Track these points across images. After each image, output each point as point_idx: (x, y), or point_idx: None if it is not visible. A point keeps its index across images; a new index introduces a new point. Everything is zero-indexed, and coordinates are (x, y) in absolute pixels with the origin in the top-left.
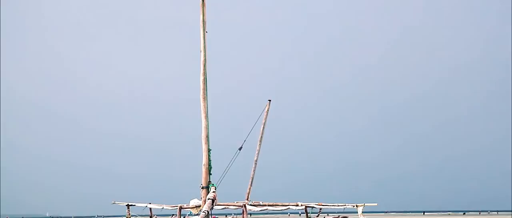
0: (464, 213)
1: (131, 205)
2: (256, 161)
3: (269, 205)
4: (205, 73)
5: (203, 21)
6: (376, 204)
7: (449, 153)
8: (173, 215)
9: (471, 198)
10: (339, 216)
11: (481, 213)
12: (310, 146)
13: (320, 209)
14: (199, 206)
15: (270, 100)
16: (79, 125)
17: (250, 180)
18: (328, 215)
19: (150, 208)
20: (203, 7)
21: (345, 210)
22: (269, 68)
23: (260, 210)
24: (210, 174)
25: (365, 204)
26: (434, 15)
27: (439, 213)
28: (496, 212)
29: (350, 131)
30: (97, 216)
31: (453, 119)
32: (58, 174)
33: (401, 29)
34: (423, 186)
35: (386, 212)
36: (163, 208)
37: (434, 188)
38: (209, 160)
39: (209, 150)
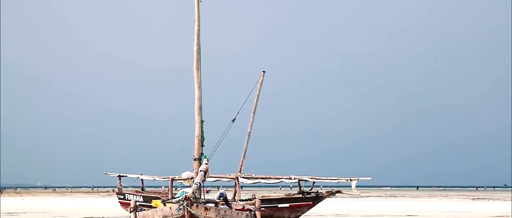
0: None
1: (122, 176)
2: (249, 133)
3: (262, 178)
4: (198, 44)
5: None
6: (370, 178)
7: (446, 130)
8: (164, 186)
9: (468, 174)
10: (333, 190)
11: (478, 188)
12: (306, 120)
13: (314, 182)
14: (191, 178)
15: (264, 72)
16: (72, 96)
17: (243, 152)
18: (321, 188)
19: (142, 180)
20: None
21: (339, 184)
22: (264, 39)
23: (253, 183)
24: (202, 145)
25: (359, 178)
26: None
27: (433, 188)
28: (492, 188)
29: (348, 107)
30: (93, 187)
31: (452, 96)
32: (49, 145)
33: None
34: (419, 163)
35: (380, 187)
36: (155, 179)
37: (430, 165)
38: (202, 132)
39: (202, 121)
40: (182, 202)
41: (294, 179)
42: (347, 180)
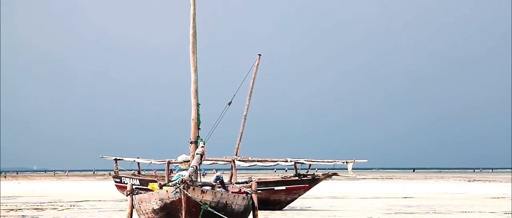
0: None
1: (119, 159)
2: (245, 116)
3: (258, 161)
4: (194, 27)
5: None
6: (366, 160)
7: (443, 109)
8: (156, 170)
9: (466, 155)
10: (329, 172)
11: (475, 170)
12: (302, 102)
13: (310, 165)
14: (188, 161)
15: (260, 55)
16: (71, 76)
17: (239, 135)
18: (316, 170)
19: (138, 163)
20: None
21: (335, 167)
22: (259, 21)
23: (249, 166)
24: (199, 128)
25: (355, 160)
26: None
27: (430, 170)
28: (490, 170)
29: (342, 89)
30: (95, 170)
31: (448, 74)
32: (46, 127)
33: None
34: (415, 144)
35: (377, 169)
36: (151, 163)
37: (427, 146)
38: (198, 115)
39: (198, 105)
40: (178, 185)
41: (291, 161)
42: (343, 162)
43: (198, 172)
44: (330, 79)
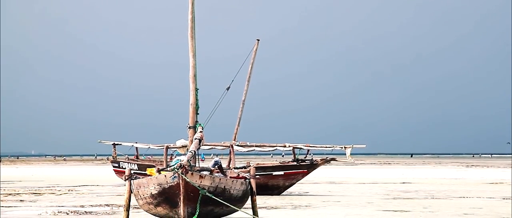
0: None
1: (117, 144)
2: (243, 101)
3: (256, 146)
4: (193, 12)
5: None
6: (364, 146)
7: (440, 95)
8: (150, 157)
9: (465, 138)
10: (327, 157)
11: (474, 155)
12: (299, 87)
13: (308, 150)
14: (186, 146)
15: (258, 40)
16: (70, 64)
17: (238, 121)
18: (312, 156)
19: (136, 148)
20: None
21: (333, 152)
22: (259, 6)
23: (247, 151)
24: (197, 113)
25: (354, 145)
26: None
27: (427, 155)
28: (489, 155)
29: (342, 75)
30: (96, 155)
31: (445, 60)
32: (45, 112)
33: None
34: (414, 129)
35: (375, 154)
36: (149, 147)
37: (424, 132)
38: (197, 100)
39: (196, 89)
40: (177, 170)
41: (289, 146)
42: (342, 147)
43: (197, 157)
44: (329, 71)
